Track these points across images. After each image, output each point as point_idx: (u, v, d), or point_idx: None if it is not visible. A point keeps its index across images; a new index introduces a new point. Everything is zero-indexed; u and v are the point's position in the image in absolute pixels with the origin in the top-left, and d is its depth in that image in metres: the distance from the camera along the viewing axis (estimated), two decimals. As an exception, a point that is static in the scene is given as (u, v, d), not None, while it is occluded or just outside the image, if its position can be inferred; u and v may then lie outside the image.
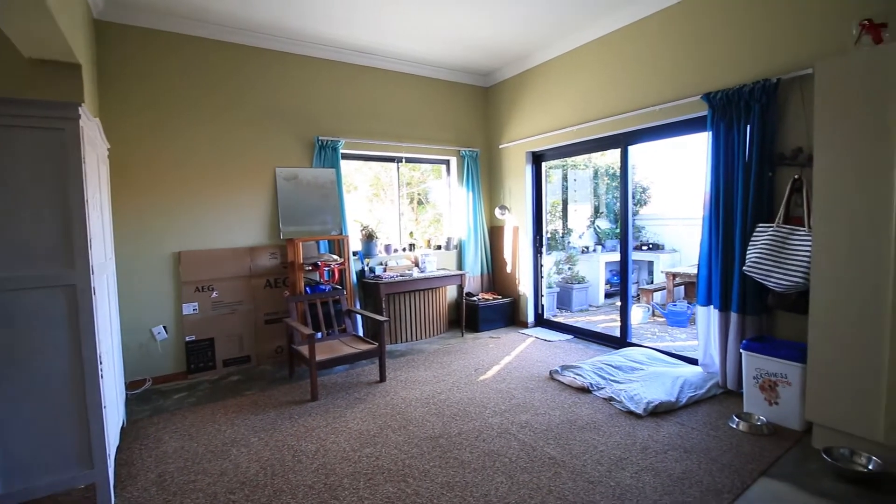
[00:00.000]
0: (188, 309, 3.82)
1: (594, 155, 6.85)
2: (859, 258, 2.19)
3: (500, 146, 5.38)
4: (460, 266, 5.37)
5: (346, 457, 2.46)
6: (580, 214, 7.22)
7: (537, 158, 5.10)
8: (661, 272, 6.20)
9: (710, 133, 3.20)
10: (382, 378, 3.56)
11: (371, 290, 4.43)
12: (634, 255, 6.69)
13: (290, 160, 4.31)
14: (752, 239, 2.90)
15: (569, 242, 6.97)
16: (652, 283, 6.50)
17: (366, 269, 4.62)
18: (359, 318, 4.38)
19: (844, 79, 2.24)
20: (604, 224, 7.08)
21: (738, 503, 2.00)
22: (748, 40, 3.11)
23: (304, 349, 3.37)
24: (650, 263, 6.67)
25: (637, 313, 5.54)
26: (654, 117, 3.72)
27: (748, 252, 2.89)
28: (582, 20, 3.97)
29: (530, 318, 5.16)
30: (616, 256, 6.19)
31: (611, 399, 3.03)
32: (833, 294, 2.29)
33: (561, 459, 2.37)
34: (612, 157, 6.84)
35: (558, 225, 7.05)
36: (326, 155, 4.41)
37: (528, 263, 5.14)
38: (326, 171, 4.39)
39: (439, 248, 5.32)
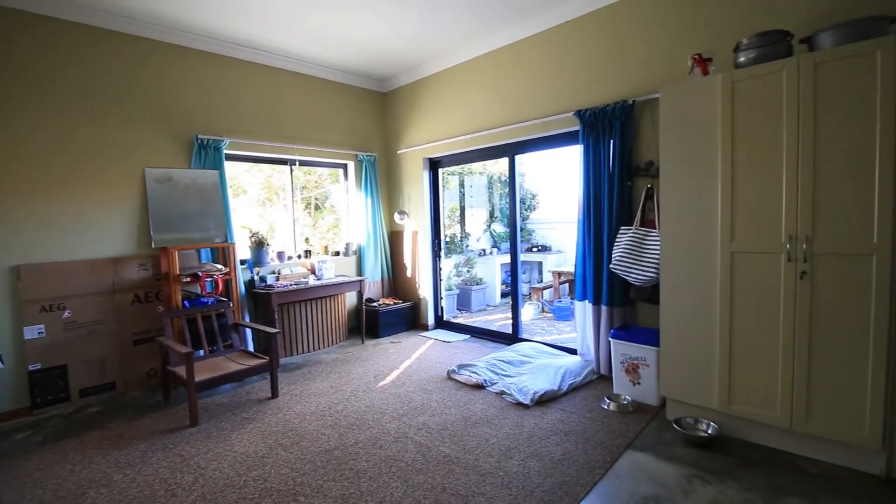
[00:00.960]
0: (31, 333, 3.24)
1: (489, 163, 7.22)
2: (695, 256, 2.60)
3: (399, 152, 5.42)
4: (360, 272, 5.28)
5: (229, 483, 2.28)
6: (477, 219, 7.55)
7: (434, 165, 5.23)
8: (549, 272, 6.73)
9: (582, 146, 3.56)
10: (275, 394, 3.36)
11: (262, 300, 4.16)
12: (526, 257, 7.18)
13: (163, 160, 3.88)
14: (616, 240, 3.29)
15: (467, 246, 7.24)
16: (541, 282, 7.03)
17: (256, 278, 4.32)
18: (248, 331, 4.08)
19: (681, 102, 2.64)
20: (499, 228, 7.48)
21: (608, 476, 2.25)
22: (610, 66, 3.53)
23: (182, 370, 3.05)
24: (540, 264, 7.20)
25: (528, 310, 5.95)
26: (536, 130, 4.03)
27: (613, 252, 3.27)
28: (471, 35, 4.17)
29: (431, 321, 5.26)
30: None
31: (502, 393, 3.21)
32: (676, 286, 2.68)
33: (455, 456, 2.44)
34: (504, 164, 7.27)
35: (457, 229, 7.29)
36: (208, 155, 4.05)
37: (427, 267, 5.23)
38: (208, 172, 4.03)
39: (338, 254, 5.18)
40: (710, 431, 2.52)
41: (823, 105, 2.16)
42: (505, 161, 4.55)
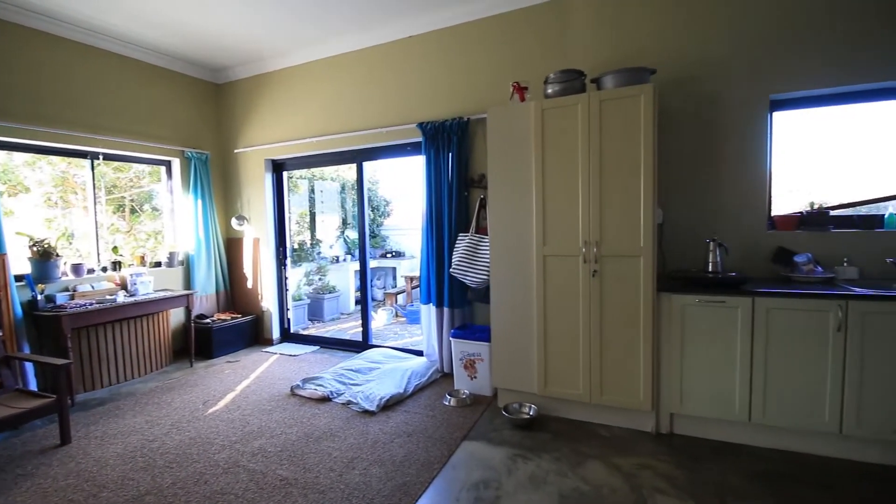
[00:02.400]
0: None
1: (342, 168, 7.08)
2: (517, 259, 2.93)
3: (236, 151, 4.95)
4: (189, 285, 4.66)
5: (-16, 564, 1.77)
6: (329, 225, 7.33)
7: (278, 167, 4.91)
8: (402, 277, 6.88)
9: (425, 157, 3.74)
10: (66, 440, 2.74)
11: (48, 325, 3.36)
12: (380, 263, 7.22)
13: None
14: (455, 246, 3.53)
15: (319, 253, 6.97)
16: (395, 287, 7.15)
17: (39, 298, 3.47)
18: (30, 365, 3.26)
19: (504, 124, 2.96)
20: (352, 234, 7.38)
21: (446, 469, 2.38)
22: (449, 84, 3.78)
23: None
24: (394, 269, 7.32)
25: (382, 316, 5.99)
26: (383, 138, 4.09)
27: (453, 256, 3.50)
28: (320, 35, 4.04)
29: (276, 335, 4.91)
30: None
31: (349, 403, 3.15)
32: (502, 286, 2.99)
33: (293, 478, 2.31)
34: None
35: (307, 236, 6.97)
36: (-43, 142, 3.12)
37: (271, 277, 4.88)
38: (-42, 165, 3.10)
39: (159, 265, 4.48)
40: (531, 413, 2.86)
41: (607, 134, 2.64)
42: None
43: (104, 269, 4.03)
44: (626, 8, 3.13)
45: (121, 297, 3.79)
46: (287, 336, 4.99)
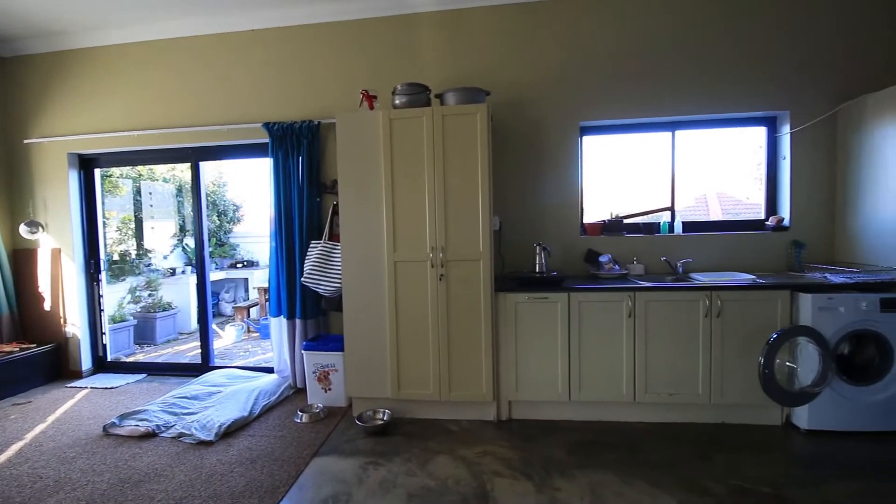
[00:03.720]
0: None
1: (180, 168, 6.24)
2: (368, 266, 2.94)
3: (26, 141, 4.01)
4: (-49, 311, 3.60)
5: None
6: (163, 233, 6.39)
7: (88, 163, 4.12)
8: (255, 288, 6.35)
9: (272, 159, 3.51)
10: None
11: None
12: (230, 273, 6.56)
13: None
14: (307, 254, 3.39)
15: (149, 265, 6.02)
16: (247, 300, 6.56)
17: None
18: None
19: (354, 131, 2.94)
20: (193, 242, 6.55)
21: (292, 491, 2.25)
22: (298, 84, 3.62)
23: None
24: (245, 280, 6.71)
25: (231, 333, 5.43)
26: (223, 136, 3.73)
27: (305, 265, 3.36)
28: (143, 15, 3.51)
29: (86, 365, 4.08)
30: (213, 276, 5.87)
31: (181, 435, 2.78)
32: (355, 293, 2.96)
33: (99, 533, 1.94)
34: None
35: (133, 245, 5.97)
36: None
37: (79, 295, 4.05)
38: None
39: None
40: (385, 418, 2.88)
41: (450, 148, 2.81)
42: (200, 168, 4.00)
43: None
44: (468, 35, 3.39)
45: None
46: (103, 366, 4.18)
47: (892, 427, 2.55)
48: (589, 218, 3.46)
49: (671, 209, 3.40)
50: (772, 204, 3.32)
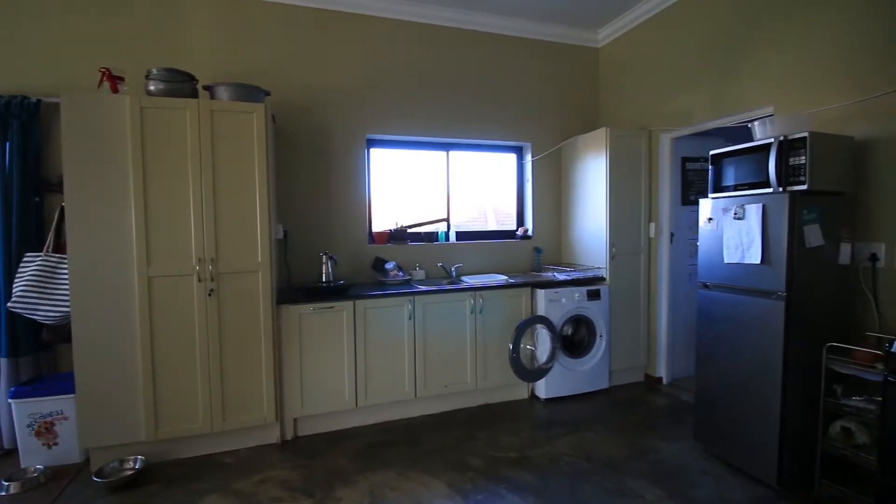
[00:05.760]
0: None
1: None
2: (109, 283, 2.40)
3: None
4: None
5: None
6: None
7: None
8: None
9: (-47, 142, 2.57)
10: None
11: None
12: None
13: None
14: (20, 270, 2.58)
15: None
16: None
17: None
18: None
19: (89, 117, 2.36)
20: None
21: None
22: (10, 46, 2.74)
23: None
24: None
25: None
26: None
27: (15, 285, 2.55)
28: None
29: None
30: None
31: None
32: (89, 318, 2.38)
33: None
34: None
35: None
36: None
37: None
38: None
39: None
40: (136, 466, 2.40)
41: (221, 147, 2.53)
42: None
43: None
44: (250, 28, 3.14)
45: None
46: None
47: (595, 387, 3.40)
48: (377, 227, 3.60)
49: (447, 220, 3.81)
50: (521, 217, 4.06)
